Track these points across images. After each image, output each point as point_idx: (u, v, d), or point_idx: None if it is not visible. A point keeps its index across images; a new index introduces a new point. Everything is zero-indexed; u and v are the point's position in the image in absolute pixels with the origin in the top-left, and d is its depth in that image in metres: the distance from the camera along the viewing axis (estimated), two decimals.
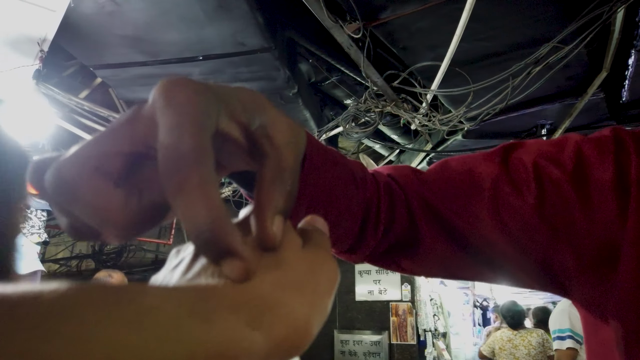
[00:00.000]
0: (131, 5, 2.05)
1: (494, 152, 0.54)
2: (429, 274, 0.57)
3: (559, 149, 0.51)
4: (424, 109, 2.64)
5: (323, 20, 2.10)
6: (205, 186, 0.20)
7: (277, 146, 0.26)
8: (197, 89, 0.23)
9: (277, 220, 0.25)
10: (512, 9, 2.19)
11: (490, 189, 0.50)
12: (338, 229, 0.48)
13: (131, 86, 2.78)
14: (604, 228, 0.46)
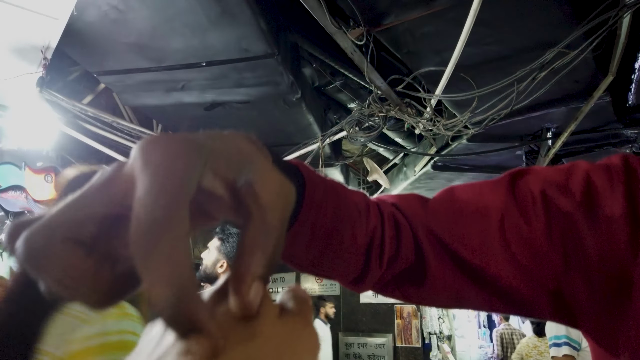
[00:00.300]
0: (135, 13, 2.05)
1: (500, 181, 0.53)
2: (437, 303, 0.56)
3: (567, 177, 0.50)
4: (428, 113, 2.63)
5: (326, 26, 2.10)
6: (173, 257, 0.19)
7: (263, 206, 0.25)
8: (178, 148, 0.22)
9: (256, 286, 0.23)
10: (518, 13, 2.18)
11: (497, 219, 0.49)
12: (342, 261, 0.47)
13: (135, 92, 2.78)
14: (615, 259, 0.45)
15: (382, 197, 0.56)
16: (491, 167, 3.91)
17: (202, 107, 2.93)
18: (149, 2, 1.98)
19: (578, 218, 0.47)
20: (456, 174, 4.03)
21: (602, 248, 0.46)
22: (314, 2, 1.96)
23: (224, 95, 2.77)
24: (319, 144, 3.21)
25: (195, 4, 1.98)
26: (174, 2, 1.98)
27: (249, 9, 2.01)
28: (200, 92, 2.74)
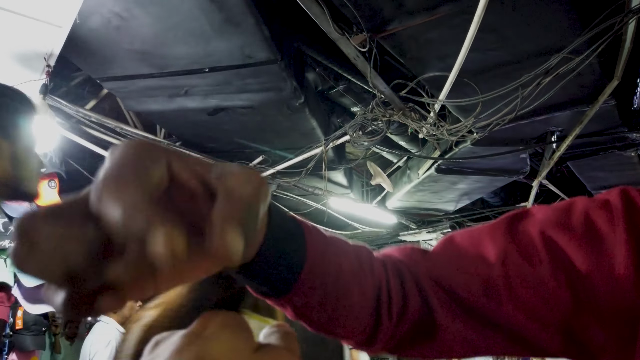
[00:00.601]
0: (138, 21, 2.05)
1: (498, 225, 0.53)
2: (454, 355, 0.55)
3: (566, 217, 0.49)
4: (431, 118, 2.62)
5: (329, 32, 2.09)
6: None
7: (231, 185, 0.26)
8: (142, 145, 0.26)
9: (234, 235, 0.24)
10: (523, 19, 2.16)
11: (499, 264, 0.49)
12: (353, 317, 0.47)
13: (138, 98, 2.78)
14: (623, 297, 0.44)
15: (383, 251, 0.56)
16: (495, 170, 3.90)
17: (206, 112, 2.93)
18: (151, 10, 1.98)
19: (582, 259, 0.46)
20: (460, 177, 4.01)
21: (608, 287, 0.45)
22: (317, 9, 1.96)
23: (227, 100, 2.77)
24: (323, 148, 3.20)
25: (198, 12, 1.98)
26: (177, 10, 1.97)
27: (252, 17, 2.01)
28: (203, 98, 2.74)
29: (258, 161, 3.56)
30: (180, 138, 3.56)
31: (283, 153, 3.52)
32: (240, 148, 3.59)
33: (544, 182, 4.07)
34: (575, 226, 0.48)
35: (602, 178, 4.09)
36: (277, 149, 3.51)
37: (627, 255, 0.45)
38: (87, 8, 1.94)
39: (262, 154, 3.57)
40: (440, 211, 5.23)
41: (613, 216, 0.47)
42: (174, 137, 3.53)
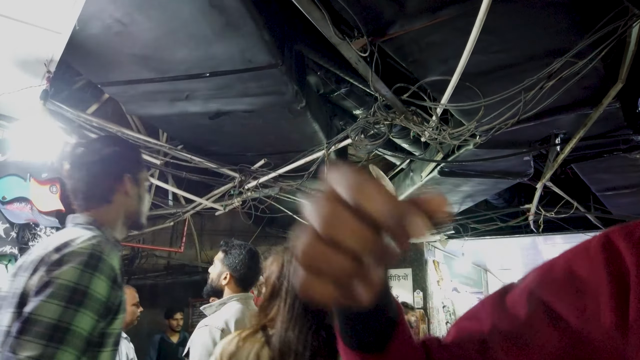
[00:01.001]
0: (138, 26, 2.04)
1: (493, 297, 0.57)
2: None
3: (549, 270, 0.52)
4: (433, 122, 2.60)
5: (330, 37, 2.08)
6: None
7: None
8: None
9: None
10: (525, 22, 2.14)
11: (488, 325, 0.53)
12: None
13: (140, 102, 2.78)
14: (607, 340, 0.45)
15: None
16: (499, 173, 3.87)
17: (207, 116, 2.92)
18: (152, 15, 1.97)
19: (566, 308, 0.48)
20: (463, 179, 3.99)
21: (593, 332, 0.46)
22: (318, 14, 1.95)
23: (229, 104, 2.76)
24: (324, 151, 3.19)
25: (199, 16, 1.97)
26: (177, 14, 1.96)
27: (252, 21, 2.00)
28: (204, 102, 2.73)
29: (260, 164, 3.55)
30: (182, 141, 3.55)
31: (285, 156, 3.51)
32: (243, 151, 3.59)
33: (548, 184, 4.04)
34: (558, 276, 0.50)
35: (607, 180, 4.05)
36: (280, 152, 3.50)
37: (609, 298, 0.45)
38: (87, 14, 1.93)
39: (264, 157, 3.56)
40: None
41: (593, 262, 0.48)
42: (176, 141, 3.53)
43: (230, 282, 2.13)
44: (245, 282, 2.16)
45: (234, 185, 3.57)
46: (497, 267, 9.24)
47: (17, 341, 0.92)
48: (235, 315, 1.98)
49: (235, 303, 2.06)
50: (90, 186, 1.20)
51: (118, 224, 1.24)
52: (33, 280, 1.01)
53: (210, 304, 2.12)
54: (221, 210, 3.92)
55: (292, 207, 4.62)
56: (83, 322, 0.97)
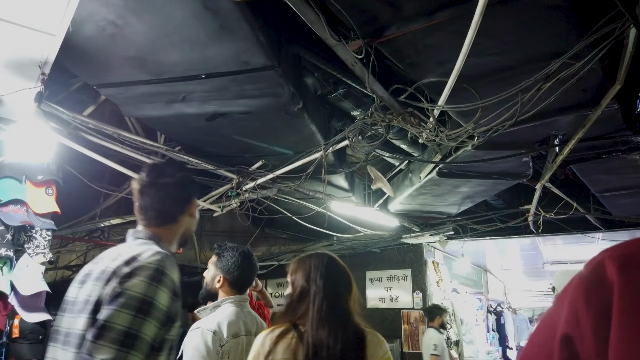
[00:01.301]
0: (132, 28, 2.03)
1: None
2: None
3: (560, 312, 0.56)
4: (431, 123, 2.59)
5: (326, 39, 2.06)
6: None
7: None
8: None
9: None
10: (523, 24, 2.13)
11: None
12: None
13: (136, 104, 2.77)
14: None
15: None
16: (498, 174, 3.86)
17: (204, 117, 2.91)
18: (145, 17, 1.96)
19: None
20: (462, 181, 3.98)
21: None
22: (313, 16, 1.93)
23: (225, 106, 2.75)
24: (322, 152, 3.18)
25: (193, 19, 1.96)
26: (171, 17, 1.95)
27: (246, 24, 1.98)
28: (201, 104, 2.72)
29: (258, 165, 3.54)
30: (179, 143, 3.55)
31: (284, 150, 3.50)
32: (240, 152, 3.58)
33: (547, 185, 4.03)
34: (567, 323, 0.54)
35: (606, 181, 4.04)
36: (277, 153, 3.49)
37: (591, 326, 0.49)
38: (81, 16, 1.92)
39: (262, 159, 3.55)
40: (443, 214, 5.20)
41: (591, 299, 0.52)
42: (174, 143, 3.52)
43: (224, 285, 2.11)
44: (239, 284, 2.14)
45: (232, 186, 3.56)
46: (497, 268, 9.23)
47: (93, 345, 1.05)
48: (228, 317, 1.97)
49: (229, 305, 2.05)
50: (164, 206, 1.35)
51: (175, 240, 1.38)
52: (106, 290, 1.12)
53: (204, 307, 2.11)
54: (219, 212, 3.91)
55: (290, 208, 4.61)
56: (149, 330, 1.09)
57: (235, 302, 2.08)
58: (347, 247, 6.18)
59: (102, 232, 6.03)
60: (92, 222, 5.06)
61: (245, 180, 3.53)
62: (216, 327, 1.89)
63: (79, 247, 7.32)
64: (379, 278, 6.19)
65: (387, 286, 6.12)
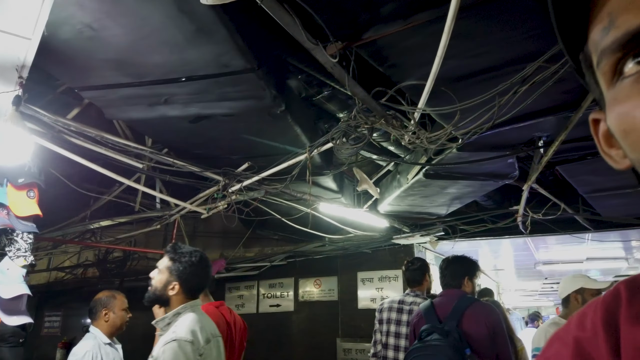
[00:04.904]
0: (109, 31, 2.03)
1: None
2: None
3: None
4: (412, 126, 2.59)
5: (303, 42, 2.07)
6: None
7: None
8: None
9: None
10: (502, 27, 2.13)
11: None
12: None
13: (119, 106, 2.77)
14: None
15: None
16: (484, 175, 3.87)
17: (188, 119, 2.91)
18: (122, 21, 1.96)
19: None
20: (449, 182, 3.99)
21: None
22: (289, 19, 1.94)
23: (208, 108, 2.75)
24: (307, 154, 3.18)
25: (169, 23, 1.96)
26: (147, 20, 1.96)
27: (223, 27, 1.99)
28: (183, 106, 2.72)
29: (244, 167, 3.54)
30: (166, 145, 3.54)
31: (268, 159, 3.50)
32: (227, 154, 3.58)
33: (534, 186, 4.04)
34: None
35: (593, 182, 4.05)
36: (263, 155, 3.49)
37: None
38: (57, 19, 1.92)
39: (248, 160, 3.55)
40: (432, 215, 5.21)
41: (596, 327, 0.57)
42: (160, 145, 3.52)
43: (179, 293, 2.02)
44: (194, 292, 2.06)
45: (218, 188, 3.56)
46: (490, 268, 9.24)
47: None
48: (197, 324, 1.92)
49: (191, 312, 1.98)
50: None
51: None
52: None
53: (162, 318, 2.01)
54: (205, 214, 3.91)
55: (280, 210, 4.62)
56: None
57: (195, 307, 2.02)
58: (339, 247, 6.19)
59: (92, 233, 6.03)
60: (82, 224, 5.05)
61: (232, 182, 3.54)
62: (192, 337, 1.84)
63: (72, 249, 7.32)
64: (371, 278, 6.20)
65: (379, 286, 6.13)
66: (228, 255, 6.68)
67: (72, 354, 2.74)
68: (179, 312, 1.99)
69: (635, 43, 0.41)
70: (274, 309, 6.89)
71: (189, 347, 1.79)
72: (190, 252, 2.09)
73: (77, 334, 5.76)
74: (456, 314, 2.79)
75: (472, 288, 3.13)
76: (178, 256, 2.07)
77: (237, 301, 7.12)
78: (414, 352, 2.71)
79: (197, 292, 2.09)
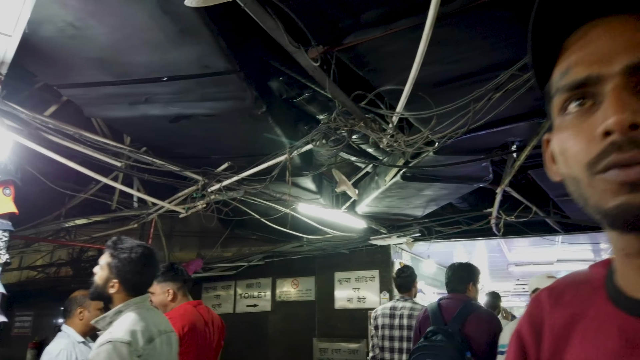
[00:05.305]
0: (92, 30, 2.03)
1: None
2: None
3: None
4: (390, 129, 2.66)
5: (285, 45, 2.11)
6: None
7: None
8: None
9: None
10: (478, 35, 2.21)
11: None
12: None
13: (99, 105, 2.76)
14: None
15: None
16: (459, 178, 3.97)
17: (168, 119, 2.92)
18: (105, 20, 1.96)
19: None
20: (426, 184, 4.08)
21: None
22: (272, 23, 1.97)
23: (189, 108, 2.76)
24: (287, 155, 3.22)
25: (152, 23, 1.97)
26: (130, 20, 1.97)
27: (207, 29, 2.01)
28: (164, 106, 2.73)
29: (223, 167, 3.56)
30: (145, 144, 3.53)
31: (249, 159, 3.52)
32: (207, 154, 3.59)
33: (507, 190, 4.16)
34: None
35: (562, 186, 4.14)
36: (244, 156, 3.51)
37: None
38: (39, 17, 1.92)
39: (229, 160, 3.57)
40: (409, 216, 5.30)
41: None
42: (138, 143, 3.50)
43: (120, 291, 1.93)
44: (137, 289, 1.96)
45: (197, 188, 3.56)
46: None
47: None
48: (138, 323, 1.82)
49: (134, 309, 1.89)
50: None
51: None
52: None
53: (103, 317, 1.91)
54: (183, 213, 3.91)
55: (259, 210, 4.63)
56: None
57: (139, 304, 1.93)
58: (317, 248, 6.23)
59: (67, 232, 5.93)
60: (57, 222, 4.97)
61: (211, 181, 3.55)
62: (129, 337, 1.74)
63: (45, 247, 7.18)
64: (348, 279, 6.27)
65: (356, 287, 6.19)
66: (206, 255, 6.65)
67: (46, 352, 2.70)
68: (121, 310, 1.89)
69: (579, 90, 0.54)
70: (251, 309, 6.90)
71: (124, 348, 1.69)
72: (130, 248, 1.97)
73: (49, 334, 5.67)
74: (460, 318, 3.02)
75: (475, 293, 3.41)
76: (117, 252, 1.96)
77: (214, 301, 7.10)
78: (421, 349, 2.94)
79: (140, 290, 1.98)
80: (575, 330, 0.61)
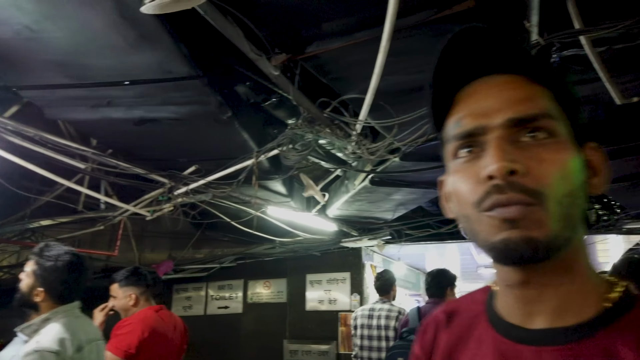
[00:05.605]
0: (49, 33, 2.00)
1: None
2: None
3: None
4: (355, 136, 2.69)
5: (247, 53, 2.12)
6: None
7: None
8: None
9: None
10: (432, 47, 2.25)
11: None
12: None
13: (59, 107, 2.72)
14: None
15: None
16: (425, 183, 4.04)
17: (132, 122, 2.89)
18: (62, 24, 1.94)
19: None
20: (393, 189, 4.13)
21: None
22: (233, 31, 1.98)
23: (152, 112, 2.75)
24: (254, 160, 3.22)
25: (111, 28, 1.95)
26: (88, 24, 1.94)
27: (167, 36, 2.00)
28: (127, 109, 2.70)
29: (190, 170, 3.54)
30: (111, 146, 3.48)
31: (216, 163, 3.51)
32: (173, 157, 3.56)
33: None
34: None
35: None
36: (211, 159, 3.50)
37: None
38: None
39: (196, 164, 3.55)
40: (379, 219, 5.35)
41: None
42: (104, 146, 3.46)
43: (46, 300, 1.87)
44: (65, 297, 1.89)
45: (164, 191, 3.54)
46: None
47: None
48: (67, 331, 1.77)
49: (62, 318, 1.83)
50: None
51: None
52: None
53: (28, 324, 1.85)
54: (149, 216, 3.87)
55: (229, 212, 4.62)
56: None
57: (68, 312, 1.88)
58: (289, 250, 6.24)
59: (32, 233, 5.80)
60: (21, 222, 4.86)
61: (178, 184, 3.52)
62: (58, 346, 1.68)
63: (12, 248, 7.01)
64: (319, 281, 6.30)
65: (327, 289, 6.23)
66: (177, 256, 6.59)
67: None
68: (49, 318, 1.83)
69: (468, 139, 0.62)
70: (222, 310, 6.86)
71: (52, 358, 1.64)
72: (56, 256, 1.89)
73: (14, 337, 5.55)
74: None
75: (453, 296, 3.62)
76: (43, 260, 1.89)
77: (184, 303, 7.05)
78: (395, 348, 3.14)
79: (69, 298, 1.91)
80: (460, 351, 0.68)
